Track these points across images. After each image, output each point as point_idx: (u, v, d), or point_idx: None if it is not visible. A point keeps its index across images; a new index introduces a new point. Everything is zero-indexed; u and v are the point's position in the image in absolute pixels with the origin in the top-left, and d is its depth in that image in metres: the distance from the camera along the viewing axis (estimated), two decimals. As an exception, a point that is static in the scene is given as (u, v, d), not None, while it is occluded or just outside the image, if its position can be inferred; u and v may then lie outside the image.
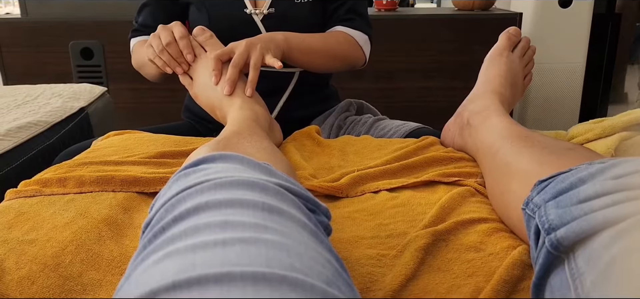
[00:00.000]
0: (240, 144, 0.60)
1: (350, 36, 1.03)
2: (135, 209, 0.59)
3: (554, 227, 0.38)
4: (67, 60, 1.85)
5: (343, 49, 1.01)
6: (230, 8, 0.99)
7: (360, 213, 0.58)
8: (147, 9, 1.05)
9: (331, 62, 1.00)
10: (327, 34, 1.01)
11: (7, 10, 2.33)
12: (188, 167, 0.43)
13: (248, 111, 0.76)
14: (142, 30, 1.05)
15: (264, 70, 0.83)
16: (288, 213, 0.35)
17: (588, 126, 0.77)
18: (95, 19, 1.83)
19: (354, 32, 1.03)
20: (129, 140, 0.81)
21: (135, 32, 1.06)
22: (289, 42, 0.90)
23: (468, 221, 0.53)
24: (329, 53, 0.99)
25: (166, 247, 0.31)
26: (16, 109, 1.18)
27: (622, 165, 0.39)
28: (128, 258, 0.49)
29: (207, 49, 0.86)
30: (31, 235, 0.52)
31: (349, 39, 1.02)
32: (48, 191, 0.62)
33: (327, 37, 0.99)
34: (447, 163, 0.70)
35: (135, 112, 1.92)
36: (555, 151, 0.55)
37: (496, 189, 0.58)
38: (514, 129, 0.66)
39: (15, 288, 0.45)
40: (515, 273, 0.44)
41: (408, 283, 0.45)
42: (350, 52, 1.02)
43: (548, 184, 0.44)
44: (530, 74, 0.92)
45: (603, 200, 0.36)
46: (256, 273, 0.27)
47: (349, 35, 1.03)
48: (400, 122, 0.98)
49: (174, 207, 0.36)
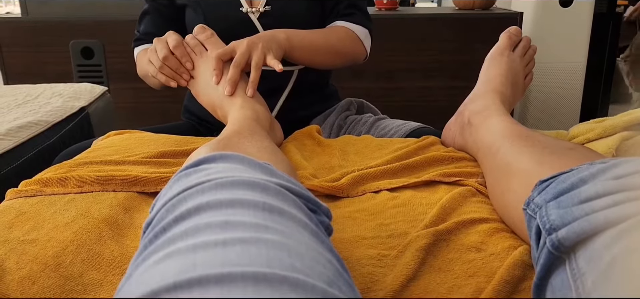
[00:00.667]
0: (241, 144, 0.60)
1: (351, 31, 1.03)
2: (136, 209, 0.59)
3: (555, 227, 0.38)
4: (68, 59, 1.85)
5: (345, 45, 1.01)
6: (227, 8, 0.98)
7: (361, 213, 0.58)
8: (147, 17, 1.05)
9: (333, 59, 1.00)
10: (328, 29, 1.01)
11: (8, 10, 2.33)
12: (189, 167, 0.43)
13: (249, 110, 0.76)
14: (144, 38, 1.05)
15: (263, 69, 0.83)
16: (289, 213, 0.35)
17: (589, 126, 0.77)
18: (95, 18, 1.83)
19: (354, 26, 1.03)
20: (130, 140, 0.81)
21: (137, 42, 1.07)
22: (291, 41, 0.90)
23: (469, 221, 0.53)
24: (331, 49, 0.99)
25: (167, 247, 0.31)
26: (16, 109, 1.18)
27: (623, 165, 0.39)
28: (129, 258, 0.49)
29: (208, 48, 0.86)
30: (32, 235, 0.52)
31: (350, 34, 1.02)
32: (49, 191, 0.62)
33: (329, 33, 0.99)
34: (448, 163, 0.70)
35: (135, 111, 1.92)
36: (556, 151, 0.55)
37: (497, 189, 0.58)
38: (514, 128, 0.66)
39: (16, 288, 0.45)
40: (516, 273, 0.44)
41: (409, 283, 0.45)
42: (351, 47, 1.02)
43: (549, 184, 0.44)
44: (531, 73, 0.92)
45: (604, 200, 0.36)
46: (257, 273, 0.27)
47: (350, 30, 1.02)
48: (401, 122, 0.98)
49: (175, 207, 0.36)
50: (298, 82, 1.02)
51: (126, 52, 1.10)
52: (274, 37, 0.87)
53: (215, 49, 0.84)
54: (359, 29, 1.03)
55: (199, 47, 0.86)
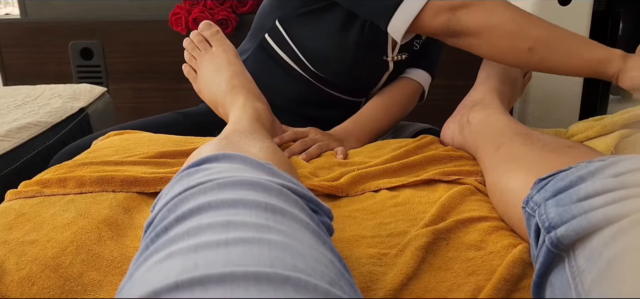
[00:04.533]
0: (242, 143, 0.60)
1: (415, 84, 1.03)
2: (135, 209, 0.59)
3: (554, 225, 0.38)
4: (67, 60, 1.85)
5: (405, 109, 1.02)
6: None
7: (360, 212, 0.58)
8: None
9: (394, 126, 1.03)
10: (391, 100, 1.00)
11: (7, 11, 2.32)
12: (191, 166, 0.43)
13: (250, 109, 0.76)
14: None
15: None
16: (291, 213, 0.35)
17: (588, 124, 0.77)
18: (95, 19, 1.83)
19: (420, 75, 1.03)
20: (129, 140, 0.81)
21: None
22: (361, 142, 0.91)
23: (468, 220, 0.53)
24: (393, 125, 1.01)
25: (169, 247, 0.31)
26: (16, 110, 1.17)
27: (622, 163, 0.39)
28: (128, 259, 0.49)
29: (213, 44, 0.86)
30: (31, 236, 0.52)
31: (413, 91, 1.03)
32: (48, 192, 0.62)
33: (391, 109, 0.99)
34: (447, 162, 0.70)
35: (135, 112, 1.92)
36: (555, 149, 0.55)
37: (496, 187, 0.58)
38: (513, 126, 0.66)
39: (15, 288, 0.45)
40: (515, 272, 0.44)
41: (409, 281, 0.45)
42: (412, 104, 1.04)
43: (548, 182, 0.44)
44: (529, 72, 0.92)
45: (603, 198, 0.36)
46: (259, 273, 0.27)
47: (413, 86, 1.03)
48: (406, 123, 0.99)
49: (177, 207, 0.36)
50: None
51: (125, 52, 1.10)
52: (349, 141, 0.89)
53: (220, 46, 0.85)
54: (422, 76, 1.04)
55: (203, 44, 0.87)
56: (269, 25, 0.98)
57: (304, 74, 0.97)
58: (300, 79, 0.98)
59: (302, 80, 0.98)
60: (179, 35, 1.69)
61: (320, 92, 0.99)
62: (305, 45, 0.94)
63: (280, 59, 0.98)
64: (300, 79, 0.98)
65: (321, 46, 0.93)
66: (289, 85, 0.99)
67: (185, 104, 1.15)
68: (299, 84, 0.98)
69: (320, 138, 0.83)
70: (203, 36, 0.87)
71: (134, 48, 1.79)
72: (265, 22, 0.99)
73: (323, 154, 0.80)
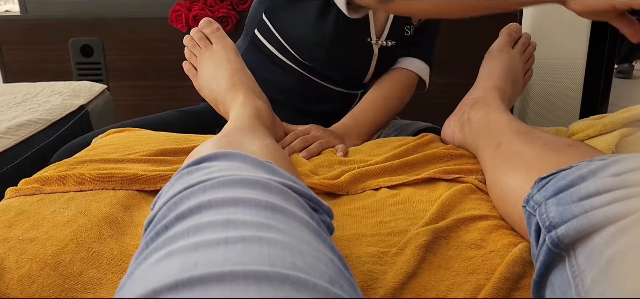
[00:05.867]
0: (242, 141, 0.60)
1: (411, 74, 1.03)
2: (135, 207, 0.59)
3: (555, 224, 0.38)
4: (67, 57, 1.85)
5: (402, 100, 1.02)
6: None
7: (360, 211, 0.58)
8: None
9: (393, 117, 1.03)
10: (387, 92, 1.00)
11: (7, 8, 2.32)
12: (191, 165, 0.43)
13: (250, 107, 0.76)
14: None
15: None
16: (291, 212, 0.35)
17: (589, 123, 0.77)
18: (95, 16, 1.83)
19: (415, 64, 1.03)
20: (129, 138, 0.81)
21: None
22: (361, 138, 0.92)
23: (469, 218, 0.53)
24: (391, 117, 1.01)
25: (169, 245, 0.31)
26: (16, 107, 1.17)
27: (622, 162, 0.39)
28: (128, 257, 0.49)
29: (213, 42, 0.86)
30: (31, 233, 0.52)
31: (408, 81, 1.03)
32: (48, 189, 0.62)
33: (388, 100, 0.99)
34: (447, 160, 0.70)
35: (135, 109, 1.92)
36: (556, 148, 0.55)
37: (496, 186, 0.58)
38: (514, 125, 0.66)
39: (15, 286, 0.45)
40: (516, 271, 0.44)
41: (409, 280, 0.45)
42: (409, 94, 1.04)
43: (548, 181, 0.44)
44: (530, 70, 0.92)
45: (604, 197, 0.36)
46: (259, 272, 0.27)
47: (409, 76, 1.03)
48: (408, 122, 0.99)
49: (177, 205, 0.36)
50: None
51: (125, 49, 1.10)
52: (350, 138, 0.89)
53: (220, 43, 0.85)
54: (417, 66, 1.03)
55: (203, 41, 0.86)
56: (258, 19, 0.99)
57: (292, 65, 0.98)
58: (290, 71, 0.99)
59: (292, 71, 0.99)
60: (179, 32, 1.68)
61: (312, 84, 1.00)
62: (287, 33, 0.96)
63: (270, 53, 0.99)
64: (290, 70, 0.99)
65: (302, 33, 0.94)
66: (281, 78, 0.99)
67: (186, 102, 1.15)
68: (289, 77, 0.99)
69: (321, 135, 0.83)
70: (203, 33, 0.87)
71: (134, 45, 1.79)
72: (254, 17, 1.01)
73: (323, 152, 0.79)
